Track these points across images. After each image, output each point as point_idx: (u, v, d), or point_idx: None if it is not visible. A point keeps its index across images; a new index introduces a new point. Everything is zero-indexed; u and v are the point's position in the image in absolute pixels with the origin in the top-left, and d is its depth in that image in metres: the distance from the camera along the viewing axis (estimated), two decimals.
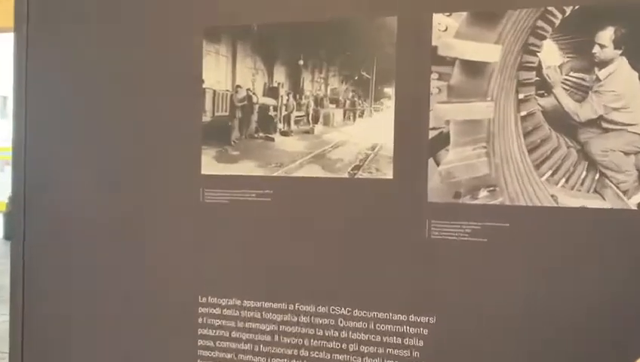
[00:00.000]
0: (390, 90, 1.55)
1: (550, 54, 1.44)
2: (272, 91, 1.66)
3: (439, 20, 1.50)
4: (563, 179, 1.44)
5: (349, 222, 1.59)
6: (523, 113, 1.47)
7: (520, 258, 1.47)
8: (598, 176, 1.43)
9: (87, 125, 1.79)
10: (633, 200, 1.42)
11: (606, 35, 1.40)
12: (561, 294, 1.43)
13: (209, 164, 1.70)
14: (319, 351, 1.60)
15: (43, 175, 1.82)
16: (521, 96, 1.47)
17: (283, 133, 1.66)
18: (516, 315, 1.47)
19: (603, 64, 1.41)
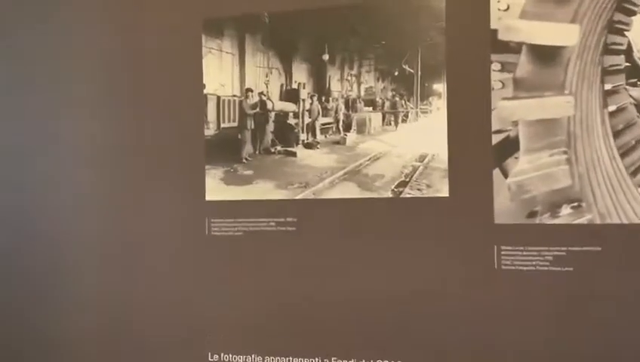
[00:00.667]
0: (440, 87, 1.45)
1: None
2: (290, 94, 1.56)
3: None
4: None
5: (395, 255, 1.47)
6: (611, 108, 1.36)
7: (615, 290, 1.35)
8: None
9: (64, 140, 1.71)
10: None
11: None
12: None
13: (215, 187, 1.58)
14: None
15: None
16: (607, 86, 1.36)
17: (307, 146, 1.55)
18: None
19: None
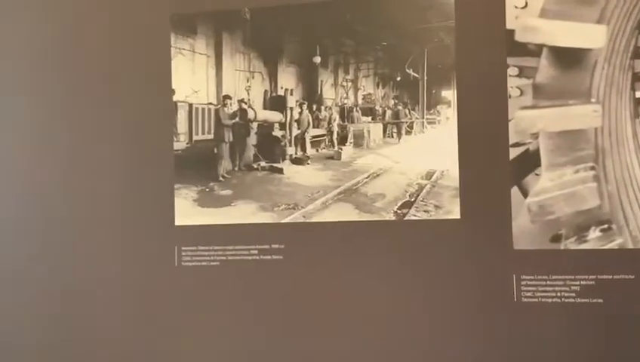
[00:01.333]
0: (449, 94, 1.39)
1: None
2: (276, 102, 1.49)
3: None
4: None
5: (399, 285, 1.40)
6: None
7: None
8: None
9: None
10: None
11: None
12: None
13: (187, 210, 1.49)
14: None
15: None
16: (639, 94, 1.32)
17: (295, 161, 1.48)
18: None
19: None
